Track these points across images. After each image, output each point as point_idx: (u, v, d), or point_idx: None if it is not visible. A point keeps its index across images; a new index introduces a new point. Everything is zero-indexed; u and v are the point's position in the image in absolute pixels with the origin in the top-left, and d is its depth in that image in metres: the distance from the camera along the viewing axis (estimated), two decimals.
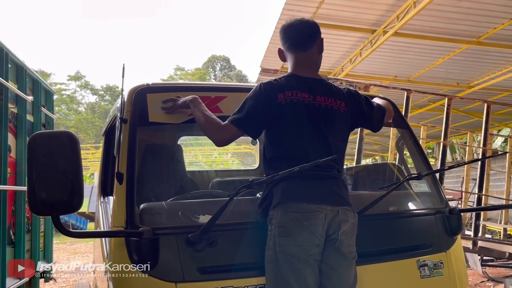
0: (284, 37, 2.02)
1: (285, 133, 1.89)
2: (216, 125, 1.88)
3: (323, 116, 1.93)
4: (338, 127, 1.98)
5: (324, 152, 1.88)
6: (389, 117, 2.27)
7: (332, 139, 1.94)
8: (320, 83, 2.01)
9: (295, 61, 2.02)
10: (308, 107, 1.91)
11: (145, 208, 1.86)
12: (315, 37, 2.03)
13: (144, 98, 2.05)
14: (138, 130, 2.00)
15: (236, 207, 1.95)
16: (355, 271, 1.83)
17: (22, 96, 3.97)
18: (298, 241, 1.72)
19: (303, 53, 2.01)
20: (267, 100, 1.88)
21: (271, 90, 1.91)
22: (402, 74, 9.96)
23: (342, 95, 2.03)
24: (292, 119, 1.89)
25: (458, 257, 2.26)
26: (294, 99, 1.90)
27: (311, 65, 2.02)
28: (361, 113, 2.08)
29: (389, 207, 2.29)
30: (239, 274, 1.79)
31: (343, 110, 2.00)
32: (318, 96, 1.95)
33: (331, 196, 1.83)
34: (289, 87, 1.92)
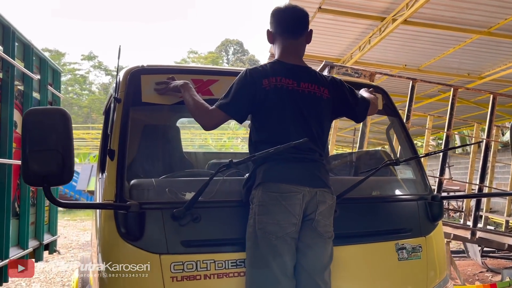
0: (275, 21, 2.08)
1: (269, 118, 1.97)
2: (204, 110, 1.95)
3: (306, 102, 2.00)
4: (320, 113, 2.04)
5: (306, 136, 1.95)
6: (373, 110, 2.33)
7: (315, 125, 2.01)
8: (305, 70, 2.07)
9: (283, 47, 2.08)
10: (291, 92, 1.98)
11: (135, 184, 1.97)
12: (305, 26, 2.09)
13: (139, 79, 2.13)
14: (132, 110, 2.09)
15: (223, 186, 2.05)
16: (331, 250, 1.92)
17: (28, 74, 4.08)
18: (276, 219, 1.81)
19: (292, 40, 2.07)
20: (252, 86, 1.95)
21: (256, 75, 1.98)
22: (412, 63, 9.90)
23: (325, 83, 2.10)
24: (276, 104, 1.96)
25: (438, 243, 2.34)
26: (278, 85, 1.97)
27: (297, 53, 2.09)
28: (344, 102, 2.15)
29: (372, 192, 2.37)
30: (221, 248, 1.89)
31: (326, 97, 2.07)
32: (302, 82, 2.02)
33: (311, 178, 1.92)
34: (274, 73, 1.99)
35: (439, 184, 5.96)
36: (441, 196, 2.33)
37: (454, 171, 16.69)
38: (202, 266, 1.83)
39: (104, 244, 1.87)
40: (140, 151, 2.47)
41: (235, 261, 1.89)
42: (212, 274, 1.84)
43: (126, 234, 1.79)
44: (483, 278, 6.80)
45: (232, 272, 1.88)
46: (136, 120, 2.57)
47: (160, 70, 2.21)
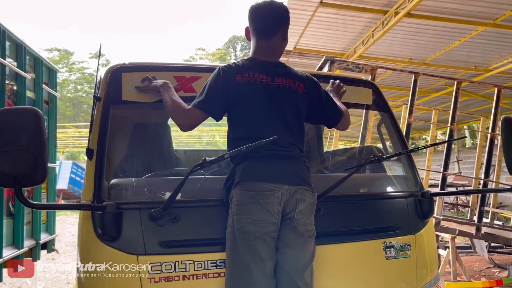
0: (249, 20, 2.05)
1: (244, 114, 1.93)
2: (181, 110, 1.92)
3: (282, 96, 1.96)
4: (297, 107, 2.00)
5: (285, 131, 1.92)
6: (345, 123, 2.23)
7: (292, 119, 1.97)
8: (279, 66, 2.04)
9: (256, 47, 2.06)
10: (266, 87, 1.95)
11: (114, 183, 1.94)
12: (279, 25, 2.03)
13: (120, 77, 2.10)
14: (118, 108, 2.07)
15: (205, 185, 2.02)
16: (312, 249, 1.87)
17: (21, 73, 4.08)
18: (254, 219, 1.77)
19: (263, 40, 2.03)
20: (226, 82, 1.92)
21: (229, 72, 1.95)
22: (417, 57, 9.77)
23: (301, 78, 2.06)
24: (251, 100, 1.92)
25: (428, 240, 2.28)
26: (251, 80, 1.94)
27: (272, 52, 2.05)
28: (319, 101, 2.09)
29: (359, 189, 2.31)
30: (200, 249, 1.86)
31: (302, 91, 2.02)
32: (276, 77, 1.98)
33: (289, 176, 1.87)
34: (247, 69, 1.97)
35: (443, 180, 5.87)
36: (431, 192, 2.27)
37: (463, 166, 16.48)
38: (181, 267, 1.80)
39: (82, 244, 1.85)
40: (129, 150, 2.45)
41: (215, 261, 1.86)
42: (191, 275, 1.81)
43: (102, 234, 1.77)
44: (489, 274, 6.70)
45: (212, 272, 1.84)
46: (125, 118, 2.55)
47: (141, 67, 2.17)
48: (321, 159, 3.29)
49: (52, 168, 5.11)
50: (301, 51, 9.90)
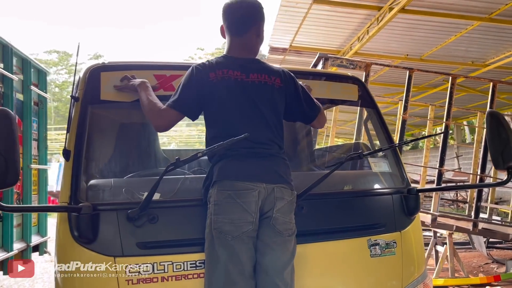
0: (223, 17, 2.03)
1: (220, 112, 1.90)
2: (156, 111, 1.89)
3: (258, 92, 1.93)
4: (274, 102, 1.96)
5: (263, 128, 1.88)
6: (322, 121, 2.20)
7: (270, 115, 1.93)
8: (254, 62, 2.01)
9: (230, 44, 2.03)
10: (241, 84, 1.91)
11: (91, 184, 1.92)
12: (252, 22, 1.99)
13: (98, 76, 2.08)
14: (92, 108, 2.04)
15: (185, 185, 1.99)
16: (292, 248, 1.84)
17: (7, 75, 4.04)
18: (231, 219, 1.74)
19: (237, 37, 2.01)
20: (199, 80, 1.89)
21: (203, 70, 1.92)
22: (414, 53, 9.73)
23: (276, 72, 2.02)
24: (225, 97, 1.89)
25: (415, 237, 2.25)
26: (225, 77, 1.91)
27: (246, 48, 2.01)
28: (296, 96, 2.06)
29: (344, 186, 2.28)
30: (179, 249, 1.83)
31: (278, 86, 1.99)
32: (251, 73, 1.95)
33: (267, 174, 1.84)
34: (221, 66, 1.94)
35: (439, 176, 5.83)
36: (417, 189, 2.24)
37: (463, 161, 16.43)
38: (159, 268, 1.77)
39: (59, 247, 1.82)
40: (110, 151, 2.43)
41: (194, 262, 1.83)
42: (170, 276, 1.78)
43: (79, 236, 1.74)
44: (488, 270, 6.66)
45: (192, 273, 1.82)
46: (107, 118, 2.53)
47: (121, 66, 2.14)
48: (311, 157, 3.26)
49: (44, 170, 5.07)
50: (297, 48, 9.88)
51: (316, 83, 2.43)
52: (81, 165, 1.87)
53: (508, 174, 1.91)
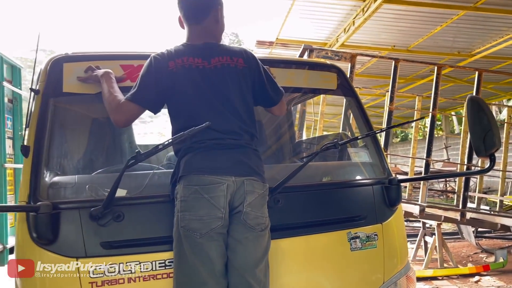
0: (178, 7, 1.93)
1: (183, 103, 1.80)
2: (114, 104, 1.77)
3: (221, 77, 1.82)
4: (239, 85, 1.86)
5: (230, 116, 1.79)
6: (283, 107, 2.10)
7: (237, 100, 1.83)
8: (214, 46, 1.90)
9: (189, 32, 1.94)
10: (202, 71, 1.81)
11: (53, 182, 1.81)
12: (209, 8, 1.91)
13: (61, 67, 1.96)
14: (55, 101, 1.93)
15: (154, 181, 1.89)
16: (266, 244, 1.75)
17: None
18: (199, 215, 1.64)
19: (195, 25, 1.92)
20: (158, 70, 1.79)
21: (162, 59, 1.82)
22: (401, 44, 9.68)
23: (239, 53, 1.92)
24: (187, 87, 1.79)
25: (398, 229, 2.17)
26: (185, 65, 1.80)
27: (206, 35, 1.92)
28: (259, 76, 1.93)
29: (322, 178, 2.20)
30: (147, 248, 1.74)
31: (242, 67, 1.88)
32: (212, 58, 1.85)
33: (236, 166, 1.74)
34: (180, 55, 1.83)
35: (426, 166, 5.78)
36: (398, 179, 2.16)
37: (452, 152, 16.49)
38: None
39: (18, 248, 1.72)
40: (82, 146, 2.32)
41: (163, 261, 1.73)
42: (137, 277, 1.68)
43: (37, 237, 1.63)
44: (477, 259, 6.65)
45: (161, 273, 1.72)
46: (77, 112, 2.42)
47: (85, 57, 2.03)
48: (293, 149, 3.18)
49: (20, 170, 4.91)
50: (284, 42, 9.79)
51: (293, 72, 2.33)
52: (41, 161, 1.76)
53: (491, 162, 1.84)
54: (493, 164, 1.83)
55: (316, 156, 1.92)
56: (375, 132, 2.09)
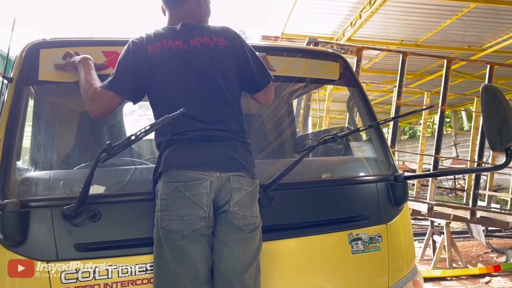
0: None
1: (162, 91, 1.64)
2: (91, 93, 1.61)
3: (202, 59, 1.66)
4: (222, 67, 1.68)
5: (215, 103, 1.63)
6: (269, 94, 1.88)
7: (221, 86, 1.66)
8: (192, 26, 1.74)
9: (169, 17, 1.80)
10: (182, 55, 1.65)
11: (24, 178, 1.66)
12: None
13: (37, 54, 1.81)
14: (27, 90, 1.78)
15: (136, 176, 1.74)
16: (256, 247, 1.59)
17: None
18: (180, 215, 1.48)
19: (174, 9, 1.78)
20: (136, 55, 1.64)
21: (140, 44, 1.66)
22: (409, 38, 9.43)
23: (219, 32, 1.75)
24: (166, 72, 1.63)
25: (404, 229, 2.01)
26: (165, 49, 1.65)
27: (187, 19, 1.76)
28: (243, 56, 1.75)
29: (322, 174, 2.03)
30: (126, 251, 1.58)
31: (224, 45, 1.71)
32: (191, 40, 1.69)
33: (221, 161, 1.58)
34: (159, 38, 1.68)
35: (435, 163, 5.59)
36: (405, 175, 1.98)
37: (461, 149, 16.18)
38: (102, 274, 1.52)
39: None
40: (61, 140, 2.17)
41: (144, 265, 1.58)
42: (114, 282, 1.53)
43: (4, 238, 1.48)
44: (487, 259, 6.45)
45: (141, 279, 1.57)
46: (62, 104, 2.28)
47: (64, 43, 1.88)
48: (294, 144, 3.01)
49: None
50: (289, 36, 9.60)
51: (291, 60, 2.16)
52: (11, 155, 1.60)
53: (507, 157, 1.65)
54: (510, 159, 1.65)
55: (312, 150, 1.75)
56: (378, 122, 1.91)
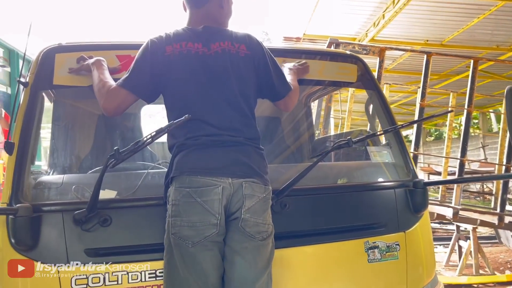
0: None
1: (179, 93, 1.62)
2: (105, 90, 1.60)
3: (220, 64, 1.63)
4: (241, 75, 1.66)
5: (229, 109, 1.60)
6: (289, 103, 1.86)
7: (238, 92, 1.63)
8: (214, 30, 1.72)
9: (190, 16, 1.77)
10: (201, 58, 1.63)
11: (38, 182, 1.67)
12: None
13: (52, 58, 1.82)
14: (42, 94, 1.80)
15: (148, 181, 1.73)
16: (268, 255, 1.55)
17: None
18: (192, 221, 1.46)
19: (196, 9, 1.75)
20: (154, 55, 1.62)
21: (159, 43, 1.64)
22: (434, 38, 9.23)
23: (241, 38, 1.72)
24: (183, 75, 1.61)
25: (424, 238, 1.93)
26: (183, 51, 1.62)
27: (208, 20, 1.74)
28: (264, 65, 1.73)
29: (336, 180, 1.97)
30: (136, 257, 1.57)
31: (244, 54, 1.68)
32: (212, 44, 1.66)
33: (234, 166, 1.54)
34: (179, 39, 1.65)
35: (460, 166, 5.42)
36: (424, 182, 1.91)
37: (490, 151, 15.73)
38: (111, 279, 1.51)
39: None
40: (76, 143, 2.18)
41: (154, 271, 1.56)
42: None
43: (16, 242, 1.49)
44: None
45: (150, 285, 1.55)
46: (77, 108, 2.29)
47: (79, 47, 1.89)
48: (312, 147, 2.96)
49: None
50: (311, 37, 9.52)
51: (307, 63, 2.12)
52: (25, 160, 1.62)
53: None
54: None
55: (325, 156, 1.70)
56: (395, 127, 1.84)
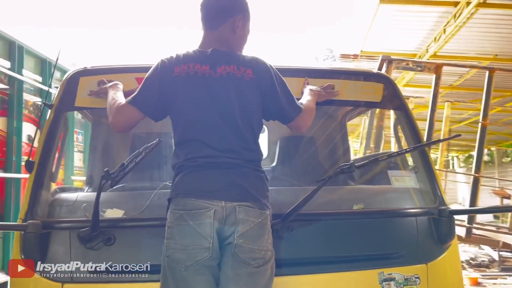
0: (200, 8, 1.78)
1: (182, 113, 1.63)
2: (115, 107, 1.67)
3: (225, 88, 1.63)
4: (245, 98, 1.64)
5: (229, 131, 1.59)
6: (302, 124, 1.81)
7: (240, 115, 1.61)
8: (222, 53, 1.71)
9: (203, 37, 1.78)
10: (207, 80, 1.63)
11: (54, 199, 1.75)
12: (227, 16, 1.73)
13: (76, 82, 1.93)
14: (65, 115, 1.90)
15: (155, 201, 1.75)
16: (265, 282, 1.48)
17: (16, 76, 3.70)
18: (184, 244, 1.44)
19: (209, 31, 1.75)
20: (163, 74, 1.65)
21: (169, 63, 1.67)
22: (504, 52, 8.63)
23: (248, 63, 1.70)
24: (188, 95, 1.62)
25: (450, 271, 1.76)
26: (190, 72, 1.63)
27: (220, 43, 1.73)
28: (272, 90, 1.70)
29: (353, 205, 1.87)
30: (138, 277, 1.58)
31: (249, 78, 1.66)
32: (218, 67, 1.66)
33: (228, 189, 1.51)
34: (187, 60, 1.67)
35: None
36: (451, 210, 1.75)
37: None
38: None
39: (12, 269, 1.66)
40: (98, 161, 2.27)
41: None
42: None
43: (26, 258, 1.56)
44: None
45: None
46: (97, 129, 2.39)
47: (101, 70, 1.98)
48: None
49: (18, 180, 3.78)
50: (368, 54, 9.30)
51: (332, 83, 2.05)
52: (43, 178, 1.70)
53: None
54: None
55: (329, 180, 1.62)
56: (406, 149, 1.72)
